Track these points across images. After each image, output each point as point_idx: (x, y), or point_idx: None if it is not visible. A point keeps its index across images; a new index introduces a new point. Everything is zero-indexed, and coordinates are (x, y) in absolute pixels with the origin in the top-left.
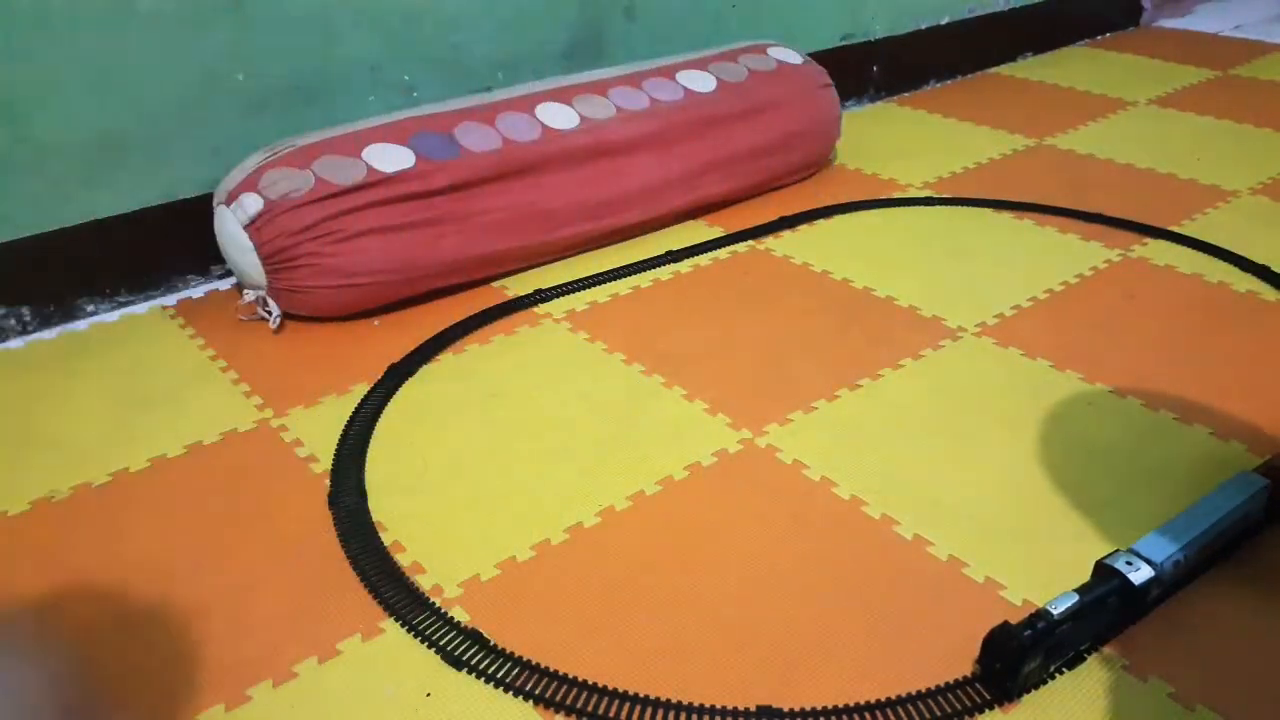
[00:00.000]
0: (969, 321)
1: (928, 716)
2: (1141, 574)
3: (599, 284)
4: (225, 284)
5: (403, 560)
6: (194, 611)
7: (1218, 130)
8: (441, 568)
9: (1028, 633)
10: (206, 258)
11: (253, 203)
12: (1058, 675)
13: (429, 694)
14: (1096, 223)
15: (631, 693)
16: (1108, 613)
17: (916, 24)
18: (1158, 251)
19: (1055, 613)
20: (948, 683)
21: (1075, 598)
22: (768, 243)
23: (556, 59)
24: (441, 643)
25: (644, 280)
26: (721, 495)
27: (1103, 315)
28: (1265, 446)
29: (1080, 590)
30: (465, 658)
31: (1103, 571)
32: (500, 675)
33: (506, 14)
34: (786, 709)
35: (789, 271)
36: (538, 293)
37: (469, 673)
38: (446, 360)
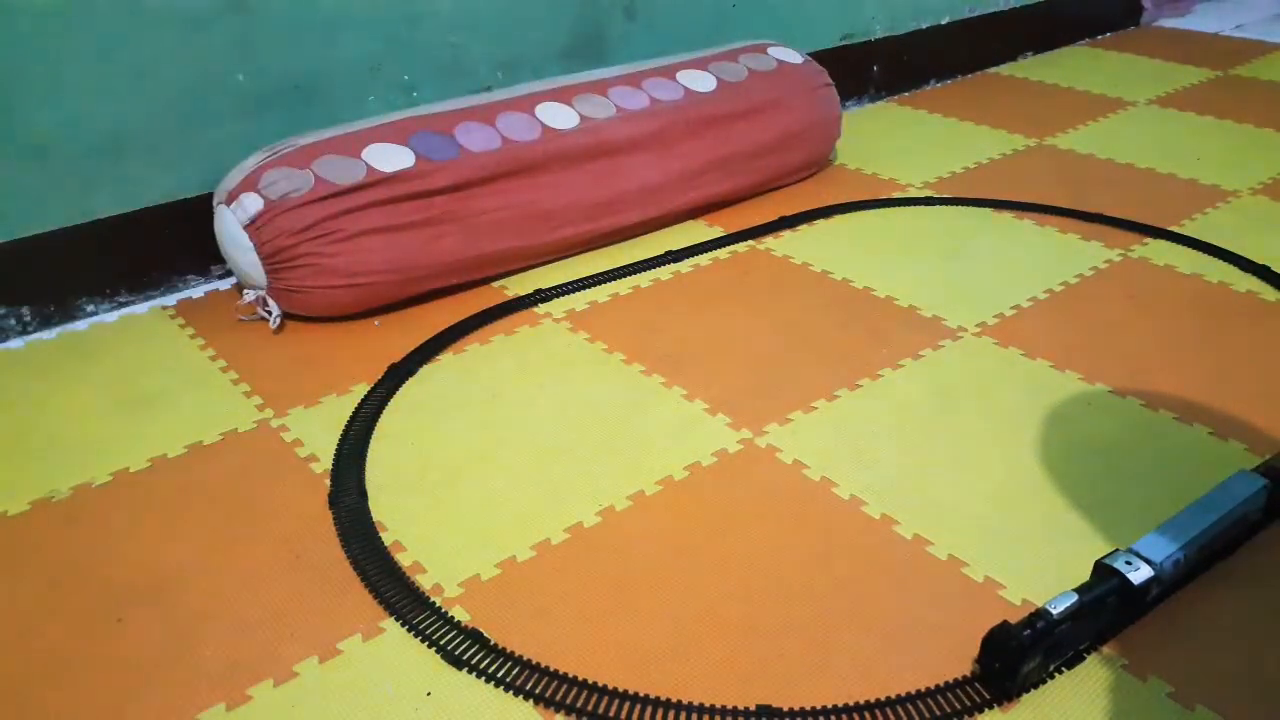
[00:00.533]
0: (969, 321)
1: (927, 716)
2: (1141, 573)
3: (599, 284)
4: (225, 284)
5: (403, 560)
6: (194, 611)
7: (1218, 130)
8: (442, 567)
9: (1027, 632)
10: (206, 258)
11: (253, 203)
12: (1057, 675)
13: (429, 693)
14: (1097, 223)
15: (631, 692)
16: (1107, 612)
17: (917, 23)
18: (1158, 251)
19: (1055, 612)
20: (947, 682)
21: (1074, 597)
22: (768, 242)
23: (556, 59)
24: (442, 642)
25: (644, 280)
26: (721, 495)
27: (1103, 315)
28: (1265, 446)
29: (1079, 590)
30: (466, 657)
31: (1102, 571)
32: (500, 675)
33: (506, 14)
34: (786, 709)
35: (789, 271)
36: (538, 293)
37: (469, 672)
38: (446, 360)
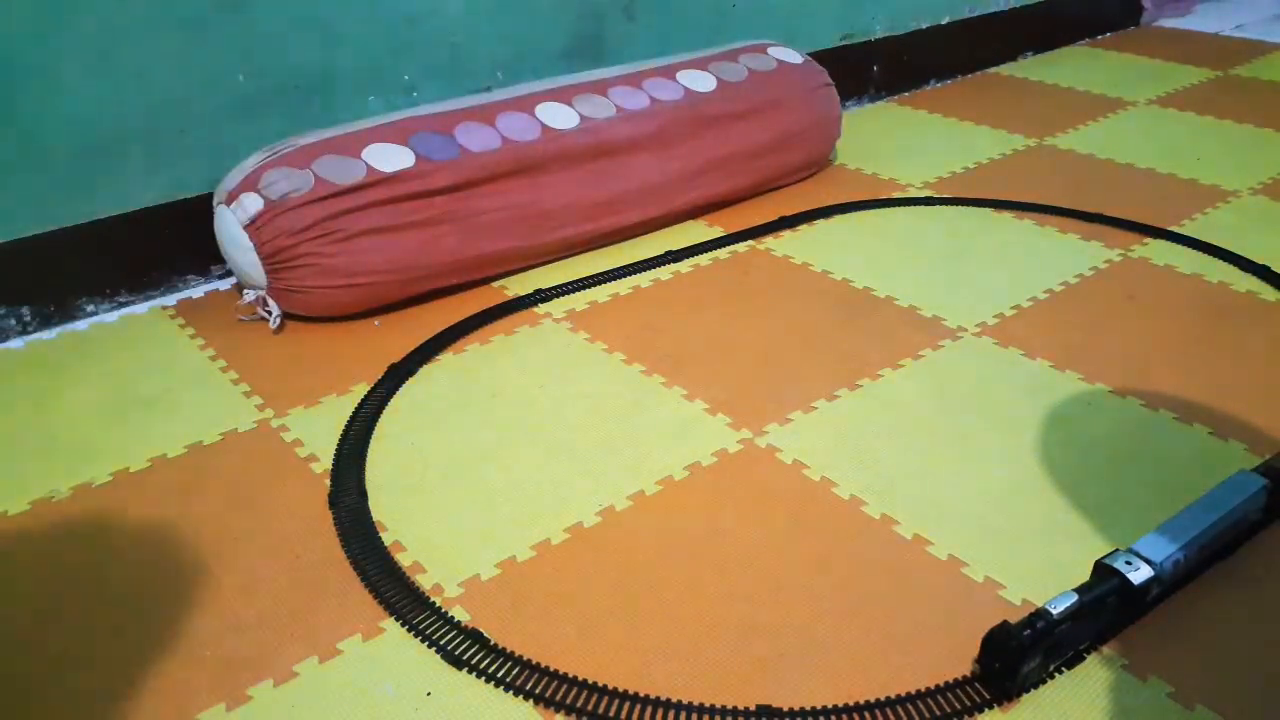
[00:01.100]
0: (969, 321)
1: (927, 716)
2: (1141, 573)
3: (599, 284)
4: (225, 284)
5: (403, 560)
6: (194, 611)
7: (1218, 130)
8: (442, 567)
9: (1027, 632)
10: (206, 258)
11: (253, 203)
12: (1057, 675)
13: (429, 693)
14: (1097, 222)
15: (631, 692)
16: (1107, 612)
17: (917, 23)
18: (1158, 251)
19: (1055, 612)
20: (947, 682)
21: (1074, 597)
22: (768, 242)
23: (556, 58)
24: (442, 642)
25: (644, 280)
26: (721, 495)
27: (1103, 315)
28: (1265, 446)
29: (1080, 590)
30: (466, 657)
31: (1102, 571)
32: (500, 675)
33: (506, 13)
34: (786, 709)
35: (789, 271)
36: (538, 293)
37: (469, 672)
38: (446, 360)
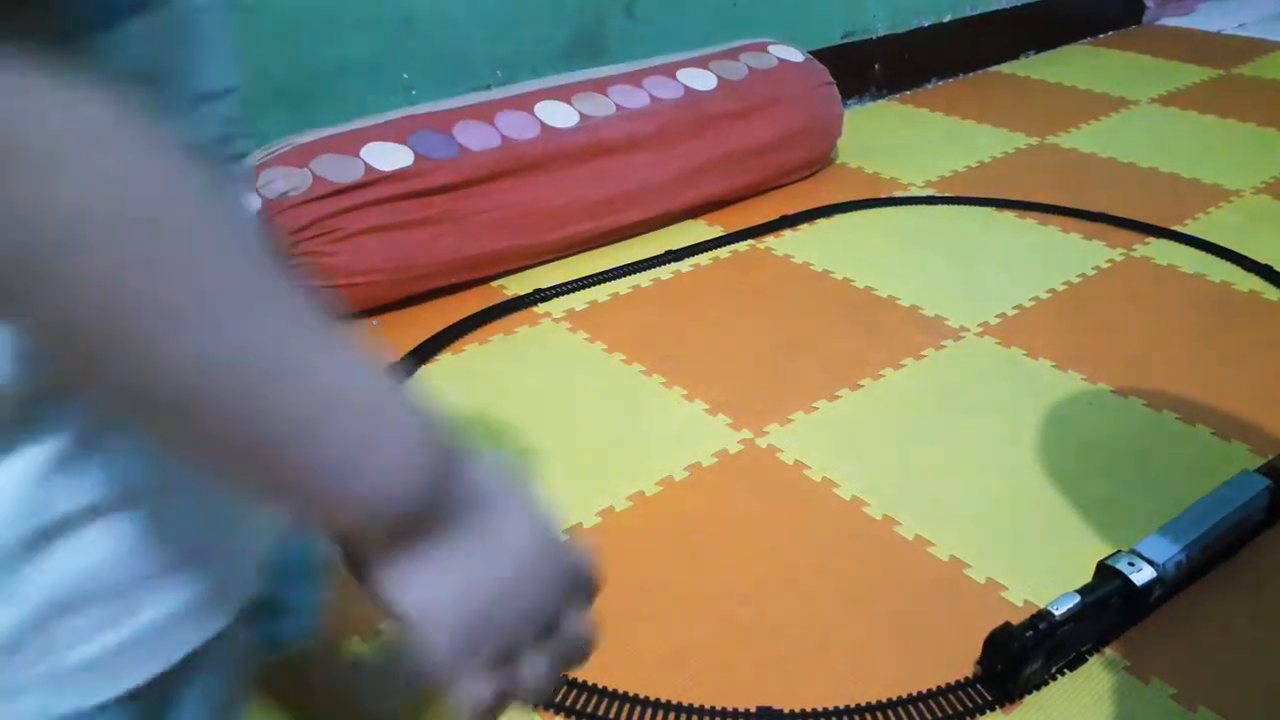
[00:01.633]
0: (971, 321)
1: (929, 717)
2: (1143, 575)
3: (599, 284)
4: None
5: None
6: None
7: (1220, 129)
8: None
9: (1029, 633)
10: None
11: (250, 202)
12: (1059, 676)
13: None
14: (1099, 222)
15: (632, 694)
16: (1110, 613)
17: (918, 21)
18: (1160, 251)
19: (1057, 613)
20: (949, 683)
21: (1077, 598)
22: (768, 242)
23: (556, 57)
24: None
25: (644, 280)
26: (722, 495)
27: (1105, 315)
28: (1267, 446)
29: (1082, 591)
30: None
31: (1105, 572)
32: None
33: (506, 12)
34: (786, 709)
35: (789, 271)
36: (537, 292)
37: None
38: (446, 360)
